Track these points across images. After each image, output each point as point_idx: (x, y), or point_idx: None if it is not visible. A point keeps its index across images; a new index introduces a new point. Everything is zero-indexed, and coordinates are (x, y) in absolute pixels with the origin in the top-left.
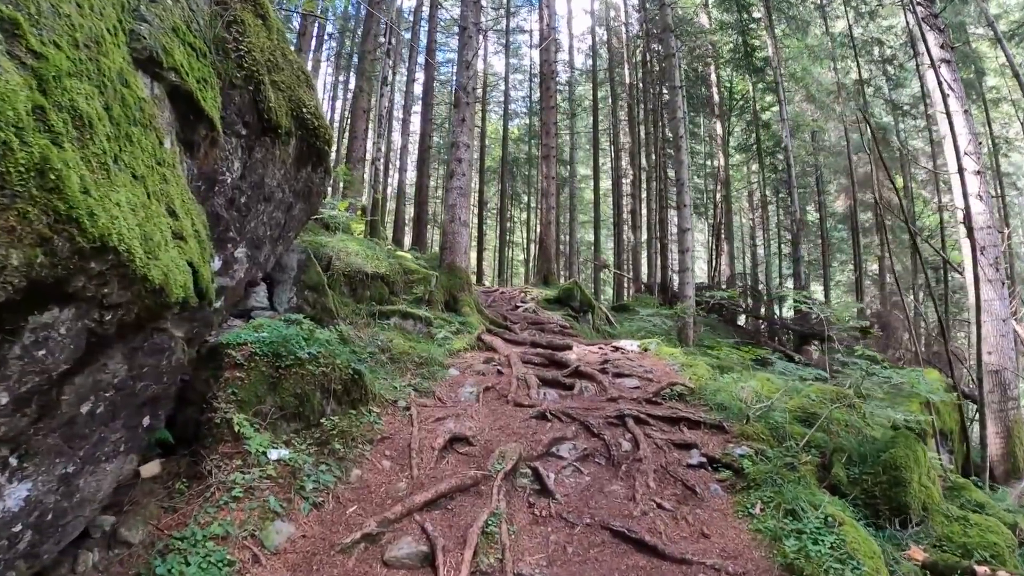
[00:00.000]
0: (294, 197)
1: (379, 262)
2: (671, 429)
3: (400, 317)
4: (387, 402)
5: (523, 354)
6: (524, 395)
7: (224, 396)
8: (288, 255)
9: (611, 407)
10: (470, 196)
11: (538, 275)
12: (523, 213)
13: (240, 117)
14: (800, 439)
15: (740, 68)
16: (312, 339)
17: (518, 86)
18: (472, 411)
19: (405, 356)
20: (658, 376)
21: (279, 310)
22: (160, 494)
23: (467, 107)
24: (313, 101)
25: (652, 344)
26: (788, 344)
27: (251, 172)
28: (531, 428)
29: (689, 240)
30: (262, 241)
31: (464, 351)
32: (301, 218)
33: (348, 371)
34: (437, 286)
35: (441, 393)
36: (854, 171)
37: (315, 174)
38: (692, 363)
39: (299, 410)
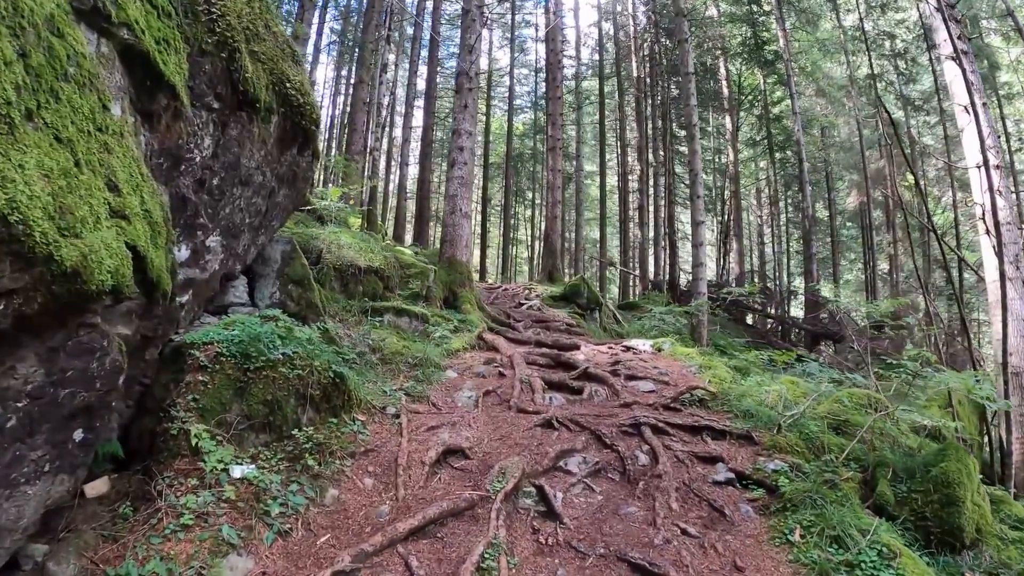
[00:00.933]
0: (277, 182)
1: (373, 255)
2: (693, 439)
3: (394, 314)
4: (374, 409)
5: (527, 354)
6: (528, 400)
7: (184, 403)
8: (271, 246)
9: (625, 414)
10: (472, 187)
11: (543, 272)
12: (527, 210)
13: (211, 88)
14: (838, 451)
15: (750, 61)
16: (289, 338)
17: (523, 81)
18: (470, 418)
19: (398, 357)
20: (674, 379)
21: (260, 306)
22: (103, 518)
23: (469, 93)
24: (299, 76)
25: (666, 344)
26: (800, 344)
27: (224, 151)
28: (536, 438)
29: (703, 234)
30: (239, 229)
31: (463, 351)
32: (286, 205)
33: (328, 374)
34: (435, 281)
35: (436, 398)
36: (866, 167)
37: (301, 157)
38: (710, 364)
39: (269, 419)
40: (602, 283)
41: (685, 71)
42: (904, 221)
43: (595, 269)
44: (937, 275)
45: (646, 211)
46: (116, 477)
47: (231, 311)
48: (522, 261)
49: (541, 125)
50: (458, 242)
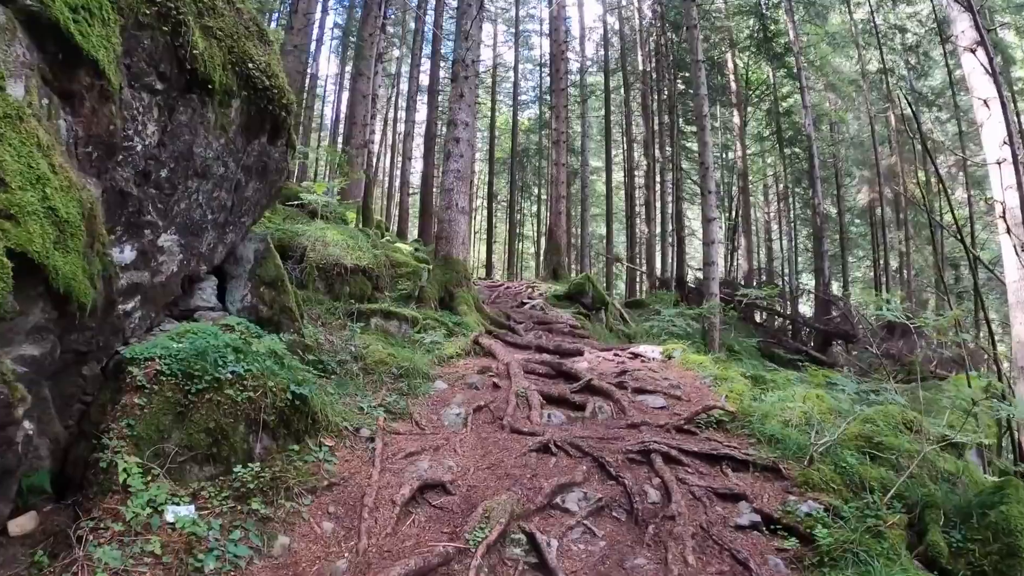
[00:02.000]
0: (244, 174)
1: (361, 253)
2: (711, 471)
3: (382, 317)
4: (346, 431)
5: (526, 362)
6: (523, 418)
7: (117, 430)
8: (244, 244)
9: (632, 436)
10: (469, 181)
11: (547, 269)
12: (533, 205)
13: (152, 66)
14: (879, 488)
15: (759, 54)
16: (245, 352)
17: (528, 75)
18: (456, 441)
19: (382, 366)
20: (687, 392)
21: (231, 310)
22: (22, 563)
23: (465, 81)
24: (264, 57)
25: (676, 351)
26: (810, 343)
27: (173, 139)
28: (530, 467)
29: (715, 231)
30: (201, 227)
31: (456, 358)
32: (258, 200)
33: (286, 396)
34: (430, 281)
35: (420, 415)
36: (878, 163)
37: (272, 147)
38: (726, 375)
39: (213, 450)
40: (608, 280)
41: (694, 59)
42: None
43: (601, 265)
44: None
45: (653, 207)
46: (49, 510)
47: (197, 316)
48: (528, 257)
49: (546, 120)
50: (454, 239)
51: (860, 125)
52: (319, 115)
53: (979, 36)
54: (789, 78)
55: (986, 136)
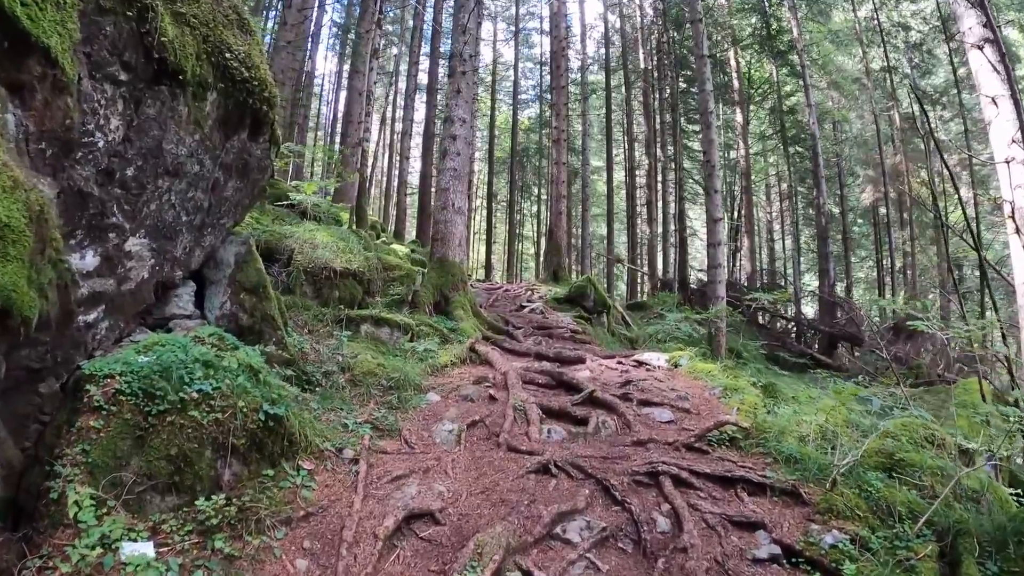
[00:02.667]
0: (223, 172)
1: (352, 256)
2: (725, 495)
3: (372, 324)
4: (327, 453)
5: (525, 371)
6: (521, 435)
7: (71, 456)
8: (225, 247)
9: (639, 456)
10: (467, 180)
11: (547, 270)
12: (533, 205)
13: (115, 55)
14: (907, 513)
15: (762, 52)
16: (215, 367)
17: (528, 74)
18: (448, 462)
19: (370, 377)
20: (696, 404)
21: (210, 318)
22: None
23: (463, 77)
24: (244, 47)
25: (683, 359)
26: (814, 346)
27: (140, 134)
28: (527, 492)
29: (720, 232)
30: (174, 229)
31: (451, 366)
32: (238, 200)
33: (258, 417)
34: (425, 284)
35: (410, 432)
36: (883, 162)
37: (253, 144)
38: (736, 385)
39: (175, 479)
40: (609, 281)
41: (699, 54)
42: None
43: (601, 266)
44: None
45: (654, 207)
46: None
47: (173, 325)
48: (528, 257)
49: (546, 119)
50: (450, 240)
51: (863, 124)
52: (317, 114)
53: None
54: (792, 76)
55: (994, 134)
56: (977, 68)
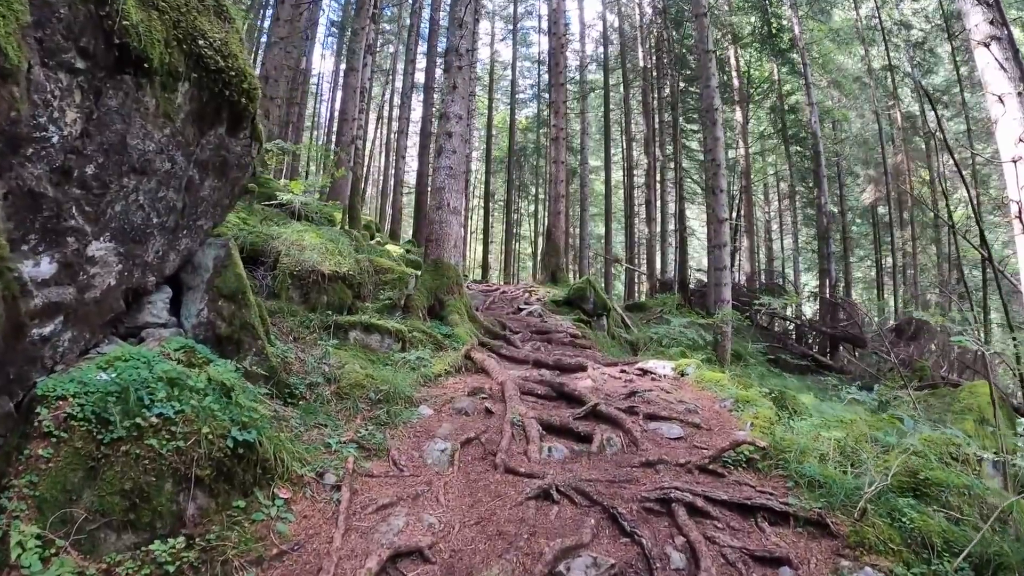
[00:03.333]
0: (198, 170)
1: (341, 258)
2: (744, 525)
3: (362, 330)
4: (307, 479)
5: (523, 380)
6: (520, 454)
7: (18, 489)
8: (203, 251)
9: (648, 479)
10: (463, 179)
11: (545, 271)
12: (531, 205)
13: (72, 41)
14: (942, 543)
15: (763, 50)
16: (181, 386)
17: (526, 73)
18: (440, 486)
19: (358, 390)
20: (706, 418)
21: (186, 326)
22: None
23: (459, 72)
24: (221, 34)
25: (690, 367)
26: (814, 347)
27: (101, 128)
28: (527, 522)
29: (726, 233)
30: (144, 232)
31: (445, 376)
32: (217, 200)
33: (225, 444)
34: (418, 288)
35: (399, 451)
36: (885, 161)
37: (233, 140)
38: (748, 396)
39: (131, 516)
40: (607, 281)
41: (704, 49)
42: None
43: (599, 266)
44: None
45: (653, 206)
46: None
47: (145, 334)
48: (525, 257)
49: (544, 119)
50: (445, 241)
51: (863, 123)
52: (314, 113)
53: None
54: (792, 75)
55: (1001, 133)
56: (983, 66)
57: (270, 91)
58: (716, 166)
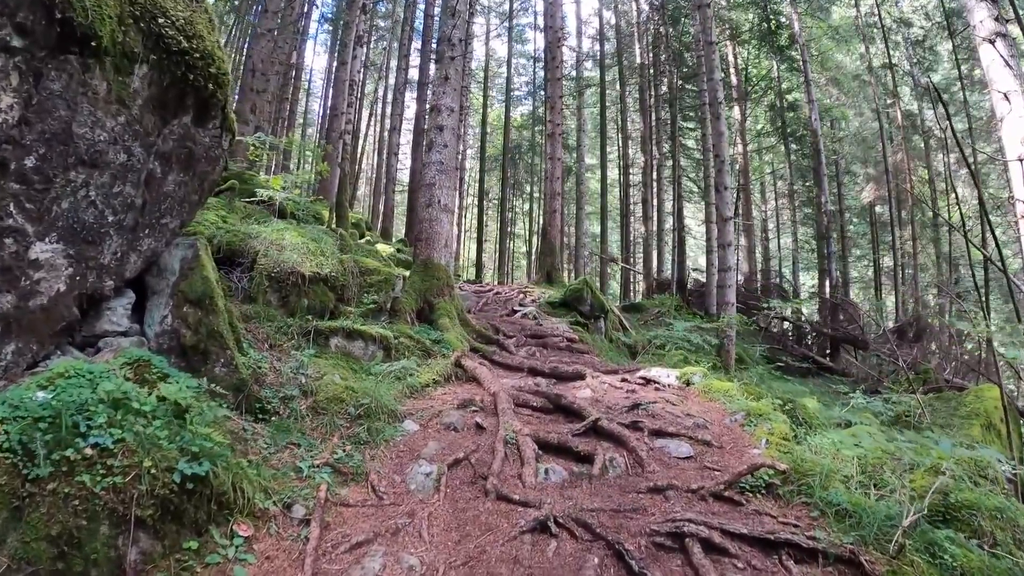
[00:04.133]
0: (160, 163)
1: (323, 259)
2: (767, 563)
3: (344, 337)
4: (271, 512)
5: (517, 390)
6: (513, 477)
7: None
8: (170, 252)
9: (657, 507)
10: (455, 175)
11: (540, 271)
12: (526, 204)
13: (7, 16)
14: None
15: (761, 46)
16: (126, 409)
17: (522, 71)
18: (424, 518)
19: (336, 404)
20: (716, 434)
21: (150, 334)
22: None
23: (452, 62)
24: (184, 12)
25: (696, 375)
26: (814, 349)
27: (42, 115)
28: (522, 562)
29: (730, 232)
30: (98, 232)
31: (433, 386)
32: (184, 196)
33: (171, 479)
34: (407, 290)
35: (379, 476)
36: (886, 159)
37: (200, 130)
38: (760, 409)
39: (60, 565)
40: (603, 281)
41: (706, 40)
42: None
43: (595, 265)
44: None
45: (650, 205)
46: None
47: (103, 344)
48: (520, 256)
49: (540, 116)
50: (436, 241)
51: (861, 121)
52: (305, 110)
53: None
54: (792, 72)
55: (1006, 131)
56: (988, 63)
57: (257, 84)
58: (720, 162)
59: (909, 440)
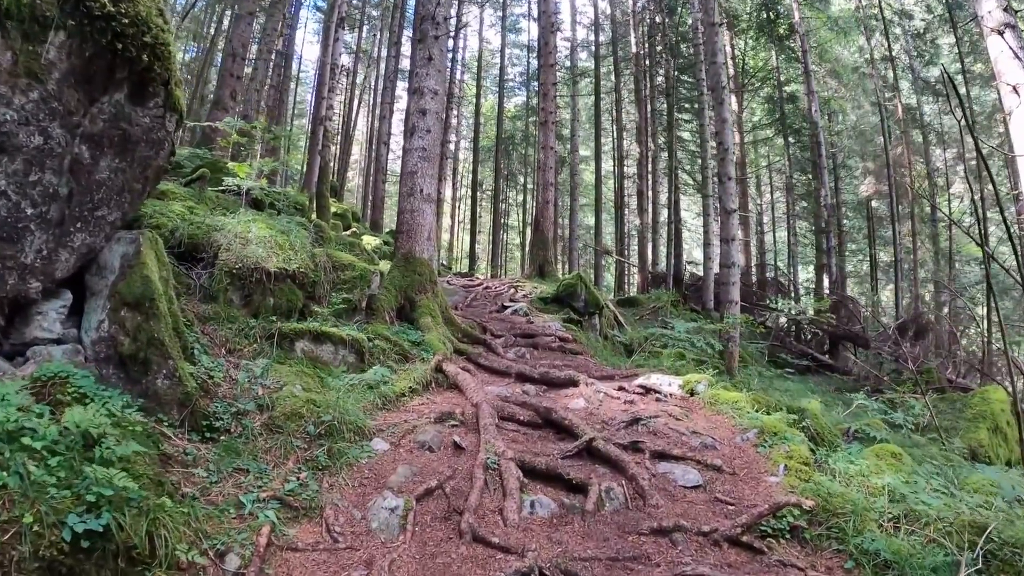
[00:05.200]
0: (89, 147)
1: (292, 254)
2: None
3: (311, 340)
4: (199, 567)
5: (503, 400)
6: (494, 513)
7: None
8: (111, 248)
9: (662, 556)
10: (438, 161)
11: (532, 264)
12: (519, 195)
13: None
14: None
15: (760, 36)
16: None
17: (515, 61)
18: (383, 568)
19: (294, 421)
20: (728, 457)
21: (86, 341)
22: None
23: (435, 42)
24: None
25: (700, 384)
26: (814, 346)
27: None
28: None
29: (734, 225)
30: (15, 227)
31: (410, 395)
32: (123, 184)
33: (61, 536)
34: (386, 286)
35: (337, 511)
36: (888, 153)
37: (138, 109)
38: (775, 426)
39: None
40: (597, 273)
41: (710, 21)
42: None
43: (588, 257)
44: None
45: (645, 197)
46: None
47: (31, 353)
48: (514, 247)
49: (533, 107)
50: (418, 233)
51: (860, 114)
52: (295, 100)
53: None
54: (790, 63)
55: (1015, 124)
56: (996, 55)
57: (237, 69)
58: (724, 150)
59: (938, 463)
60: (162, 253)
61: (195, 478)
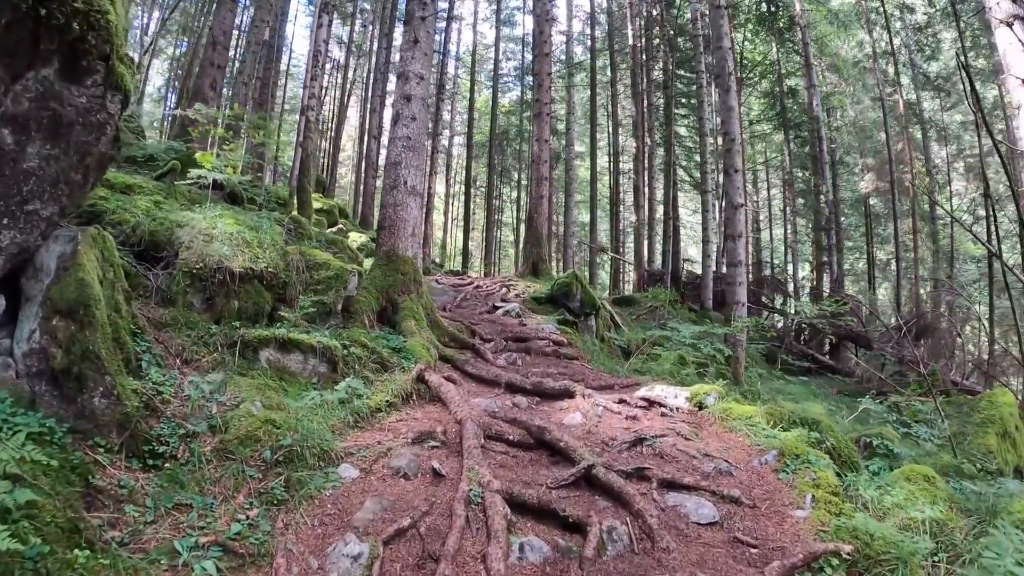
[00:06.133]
0: (13, 131)
1: (260, 251)
2: None
3: (277, 348)
4: None
5: (491, 416)
6: (476, 559)
7: None
8: (48, 247)
9: None
10: (425, 153)
11: (526, 262)
12: (513, 191)
13: None
14: None
15: (760, 28)
16: None
17: (510, 55)
18: None
19: (250, 445)
20: (746, 485)
21: (17, 354)
22: None
23: (422, 23)
24: None
25: (710, 396)
26: (814, 346)
27: None
28: None
29: (741, 221)
30: None
31: (387, 410)
32: (58, 174)
33: None
34: (365, 287)
35: (290, 559)
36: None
37: (72, 87)
38: (797, 447)
39: None
40: (592, 271)
41: (715, 4)
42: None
43: (583, 254)
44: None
45: (642, 193)
46: None
47: None
48: (507, 244)
49: (528, 102)
50: (401, 228)
51: (859, 110)
52: (285, 92)
53: None
54: (790, 55)
55: None
56: (1005, 47)
57: (218, 58)
58: (731, 141)
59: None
60: (111, 252)
61: (126, 518)
